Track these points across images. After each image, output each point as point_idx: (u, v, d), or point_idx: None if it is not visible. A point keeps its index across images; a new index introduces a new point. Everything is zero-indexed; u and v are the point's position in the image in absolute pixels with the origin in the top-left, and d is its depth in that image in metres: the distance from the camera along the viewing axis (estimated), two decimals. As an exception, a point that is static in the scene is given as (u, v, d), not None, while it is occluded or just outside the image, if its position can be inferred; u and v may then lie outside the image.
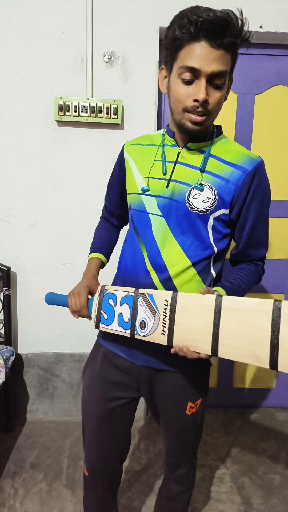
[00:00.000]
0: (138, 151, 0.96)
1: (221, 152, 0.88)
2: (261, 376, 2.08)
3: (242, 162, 0.85)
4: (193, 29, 0.73)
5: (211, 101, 0.79)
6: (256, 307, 0.69)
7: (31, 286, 1.84)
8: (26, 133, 1.72)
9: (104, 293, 0.91)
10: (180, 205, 0.86)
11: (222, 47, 0.75)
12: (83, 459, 1.64)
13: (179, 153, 0.88)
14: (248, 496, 1.49)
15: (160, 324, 0.79)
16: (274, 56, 1.79)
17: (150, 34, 1.66)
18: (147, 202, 0.90)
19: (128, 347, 0.93)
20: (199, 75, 0.76)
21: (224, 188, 0.85)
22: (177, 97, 0.80)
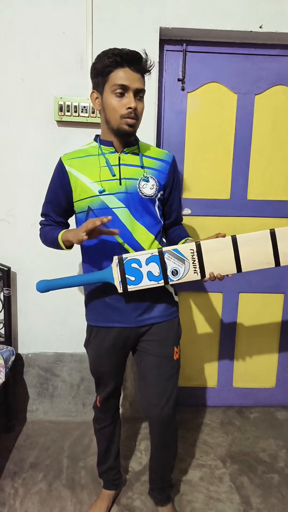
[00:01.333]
0: (78, 163, 1.17)
1: (147, 152, 1.21)
2: (260, 376, 2.09)
3: (164, 157, 1.22)
4: (119, 59, 1.04)
5: (138, 108, 1.09)
6: (259, 237, 1.10)
7: (31, 286, 1.84)
8: (26, 133, 1.71)
9: (124, 261, 1.09)
10: (135, 195, 1.14)
11: (139, 71, 1.08)
12: (83, 460, 1.65)
13: (120, 157, 1.15)
14: (247, 495, 1.50)
15: (191, 267, 1.09)
16: (274, 56, 1.79)
17: (150, 34, 1.66)
18: (108, 200, 1.13)
19: (125, 317, 1.17)
20: (128, 90, 1.06)
21: (159, 176, 1.19)
22: (113, 108, 1.08)
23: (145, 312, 1.18)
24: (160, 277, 1.09)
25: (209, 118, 1.83)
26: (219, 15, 1.65)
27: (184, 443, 1.79)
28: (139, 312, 1.17)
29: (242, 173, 1.88)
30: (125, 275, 1.09)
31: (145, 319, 1.19)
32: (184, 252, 1.09)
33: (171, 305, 1.23)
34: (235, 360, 2.06)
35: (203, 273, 1.09)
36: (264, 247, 1.09)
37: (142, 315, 1.18)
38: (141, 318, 1.18)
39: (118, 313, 1.17)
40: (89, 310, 1.27)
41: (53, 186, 1.23)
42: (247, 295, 1.99)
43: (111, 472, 1.42)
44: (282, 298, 2.01)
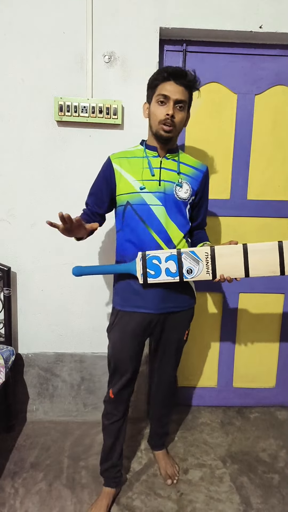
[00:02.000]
0: (126, 162, 1.32)
1: (185, 160, 1.37)
2: (261, 376, 2.09)
3: (199, 166, 1.39)
4: (166, 74, 1.23)
5: (176, 117, 1.25)
6: (268, 247, 1.22)
7: (31, 286, 1.84)
8: (26, 133, 1.71)
9: (147, 257, 1.25)
10: (171, 196, 1.30)
11: (183, 85, 1.24)
12: (83, 460, 1.66)
13: (161, 161, 1.32)
14: (247, 495, 1.50)
15: (204, 268, 1.24)
16: (274, 56, 1.78)
17: (150, 34, 1.66)
18: (147, 197, 1.29)
19: (149, 303, 1.32)
20: (169, 99, 1.23)
21: (192, 183, 1.35)
22: (154, 114, 1.27)
23: (167, 301, 1.32)
24: (176, 274, 1.24)
25: (209, 118, 1.83)
26: (219, 15, 1.65)
27: (184, 443, 1.79)
28: (162, 301, 1.32)
29: (242, 173, 1.88)
30: (147, 269, 1.24)
31: (167, 307, 1.33)
32: (200, 254, 1.24)
33: (191, 296, 1.40)
34: (235, 360, 2.06)
35: (215, 274, 1.23)
36: (272, 256, 1.21)
37: (165, 303, 1.32)
38: (163, 306, 1.33)
39: (143, 300, 1.31)
40: (116, 294, 1.40)
41: (98, 180, 1.38)
42: (247, 295, 1.99)
43: (113, 470, 1.45)
44: (282, 298, 2.01)
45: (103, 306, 1.87)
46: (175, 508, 1.44)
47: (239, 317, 2.02)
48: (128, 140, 1.72)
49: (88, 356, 1.89)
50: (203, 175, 1.37)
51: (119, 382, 1.40)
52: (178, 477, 1.58)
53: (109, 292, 1.86)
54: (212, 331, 2.04)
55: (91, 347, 1.90)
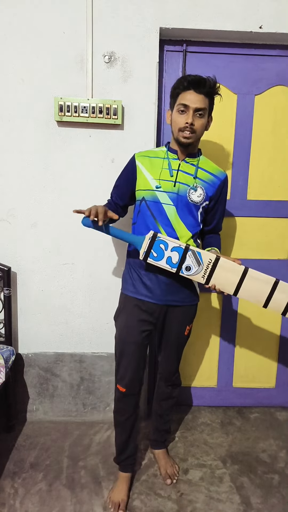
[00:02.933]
0: (147, 161, 1.40)
1: (204, 165, 1.42)
2: (260, 376, 2.09)
3: (217, 173, 1.43)
4: (186, 83, 1.28)
5: (196, 124, 1.31)
6: (265, 280, 1.31)
7: (31, 286, 1.84)
8: (27, 134, 1.72)
9: (156, 239, 1.30)
10: (183, 198, 1.36)
11: (203, 93, 1.29)
12: (82, 460, 1.65)
13: (180, 164, 1.38)
14: (247, 495, 1.50)
15: (202, 271, 1.31)
16: (274, 56, 1.79)
17: (150, 34, 1.66)
18: (160, 196, 1.36)
19: (153, 294, 1.39)
20: (188, 108, 1.29)
21: (208, 189, 1.39)
22: (175, 122, 1.34)
23: (171, 295, 1.40)
24: (176, 266, 1.30)
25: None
26: (219, 15, 1.65)
27: (185, 443, 1.79)
28: (167, 293, 1.39)
29: (242, 173, 1.88)
30: (151, 249, 1.30)
31: (169, 300, 1.40)
32: (204, 258, 1.30)
33: (194, 294, 1.46)
34: (235, 360, 2.06)
35: (208, 281, 1.31)
36: (264, 289, 1.30)
37: (168, 296, 1.39)
38: (166, 298, 1.39)
39: (150, 290, 1.39)
40: (125, 281, 1.47)
41: (122, 174, 1.47)
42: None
43: (130, 458, 1.51)
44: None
45: (103, 306, 1.87)
46: (175, 508, 1.43)
47: (239, 317, 2.02)
48: (128, 140, 1.72)
49: (87, 356, 1.89)
50: (220, 183, 1.41)
51: (127, 373, 1.43)
52: (178, 477, 1.58)
53: (109, 292, 1.86)
54: (212, 331, 2.04)
55: (91, 347, 1.90)
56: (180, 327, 1.48)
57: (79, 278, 1.84)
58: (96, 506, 1.44)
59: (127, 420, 1.46)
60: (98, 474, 1.58)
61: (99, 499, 1.46)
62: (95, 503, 1.45)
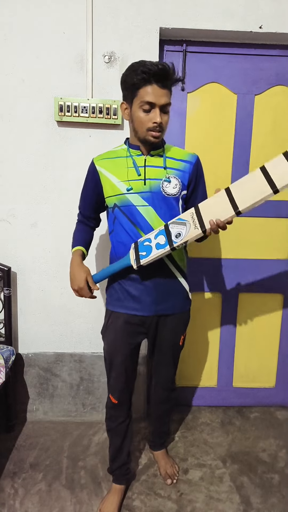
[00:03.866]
0: (110, 164, 1.28)
1: (172, 153, 1.30)
2: (260, 375, 2.09)
3: (187, 158, 1.30)
4: (146, 77, 1.12)
5: (163, 121, 1.19)
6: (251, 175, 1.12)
7: (31, 286, 1.84)
8: (27, 134, 1.71)
9: (139, 243, 1.22)
10: (158, 194, 1.24)
11: (167, 87, 1.15)
12: (82, 460, 1.65)
13: (146, 159, 1.26)
14: (247, 495, 1.50)
15: (192, 225, 1.16)
16: (274, 56, 1.79)
17: (150, 34, 1.66)
18: (133, 199, 1.24)
19: (141, 305, 1.29)
20: (154, 106, 1.15)
21: (182, 176, 1.27)
22: (141, 122, 1.18)
23: (161, 303, 1.30)
24: (166, 243, 1.18)
25: (209, 118, 1.83)
26: (219, 15, 1.65)
27: (185, 442, 1.79)
28: (156, 303, 1.29)
29: (242, 173, 1.88)
30: (139, 253, 1.21)
31: (160, 309, 1.31)
32: (185, 217, 1.19)
33: (185, 299, 1.36)
34: (235, 359, 2.06)
35: (203, 225, 1.14)
36: (257, 180, 1.10)
37: (158, 305, 1.30)
38: (157, 308, 1.30)
39: (136, 302, 1.29)
40: (109, 295, 1.37)
41: (86, 185, 1.36)
42: (247, 295, 1.99)
43: (123, 468, 1.46)
44: (281, 298, 2.01)
45: (103, 306, 1.87)
46: (175, 508, 1.44)
47: (239, 317, 2.02)
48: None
49: (87, 356, 1.89)
50: (193, 166, 1.29)
51: (118, 385, 1.38)
52: (178, 477, 1.58)
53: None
54: (212, 331, 2.04)
55: (91, 347, 1.90)
56: (174, 336, 1.39)
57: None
58: (96, 506, 1.43)
59: (119, 425, 1.42)
60: (98, 475, 1.58)
61: (99, 500, 1.46)
62: (95, 503, 1.45)
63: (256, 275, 1.96)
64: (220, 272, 1.96)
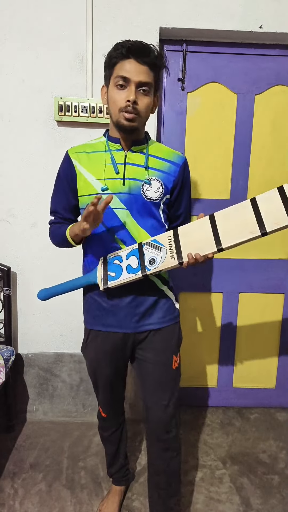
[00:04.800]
0: (85, 158, 1.12)
1: (156, 152, 1.14)
2: (261, 376, 2.09)
3: (174, 159, 1.14)
4: (124, 51, 1.00)
5: (139, 103, 1.02)
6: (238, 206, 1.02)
7: (31, 286, 1.84)
8: (26, 133, 1.71)
9: (108, 259, 1.09)
10: (138, 197, 1.08)
11: (146, 64, 1.01)
12: (82, 460, 1.65)
13: (126, 156, 1.10)
14: (247, 496, 1.49)
15: (168, 253, 1.02)
16: (274, 56, 1.78)
17: (150, 34, 1.66)
18: None
19: (118, 323, 1.13)
20: (129, 82, 1.01)
21: (166, 179, 1.11)
22: (113, 101, 1.04)
23: (143, 318, 1.13)
24: (138, 268, 1.04)
25: (209, 118, 1.83)
26: (219, 15, 1.65)
27: (185, 443, 1.79)
28: (137, 318, 1.13)
29: (242, 173, 1.88)
30: (107, 272, 1.07)
31: (142, 325, 1.14)
32: (162, 240, 1.05)
33: (171, 311, 1.18)
34: (235, 360, 2.06)
35: (180, 257, 1.01)
36: (246, 215, 0.99)
37: (140, 321, 1.13)
38: (138, 324, 1.13)
39: (115, 318, 1.13)
40: (86, 312, 1.22)
41: (60, 181, 1.18)
42: (247, 295, 1.99)
43: (121, 470, 1.44)
44: (282, 298, 2.01)
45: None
46: (175, 509, 1.43)
47: (239, 317, 2.02)
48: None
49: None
50: (179, 169, 1.13)
51: (105, 399, 1.29)
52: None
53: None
54: (212, 331, 2.03)
55: (91, 347, 1.90)
56: (163, 357, 1.16)
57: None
58: (96, 506, 1.43)
59: (112, 434, 1.36)
60: (98, 475, 1.58)
61: (99, 500, 1.46)
62: (95, 503, 1.44)
63: (256, 275, 1.95)
64: (220, 272, 1.96)
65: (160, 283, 1.15)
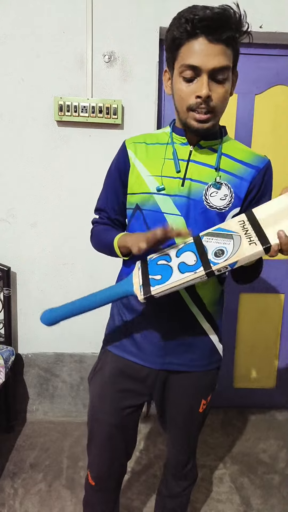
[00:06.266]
0: (143, 150, 0.92)
1: (232, 150, 0.90)
2: (261, 376, 2.08)
3: (253, 161, 0.89)
4: (189, 27, 0.74)
5: (214, 97, 0.79)
6: None
7: (31, 286, 1.84)
8: (26, 133, 1.71)
9: (149, 261, 0.82)
10: (198, 204, 0.85)
11: (221, 41, 0.75)
12: (82, 460, 1.65)
13: (191, 152, 0.88)
14: (247, 496, 1.49)
15: (244, 239, 0.75)
16: (274, 56, 1.79)
17: (150, 34, 1.66)
18: (162, 202, 0.87)
19: (144, 352, 0.91)
20: (200, 72, 0.76)
21: (238, 186, 0.87)
22: (180, 96, 0.81)
23: (170, 354, 0.90)
24: (198, 264, 0.75)
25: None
26: (219, 15, 1.65)
27: (184, 443, 1.79)
28: (163, 352, 0.90)
29: (242, 173, 1.88)
30: (149, 276, 0.79)
31: (170, 363, 0.91)
32: (231, 226, 0.78)
33: (210, 354, 0.93)
34: (235, 360, 2.06)
35: (265, 240, 0.74)
36: None
37: (167, 356, 0.90)
38: (164, 361, 0.91)
39: (138, 348, 0.92)
40: (107, 327, 1.03)
41: (111, 175, 0.98)
42: (248, 295, 1.99)
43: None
44: (282, 299, 2.01)
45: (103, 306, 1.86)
46: (175, 509, 1.43)
47: (239, 317, 2.02)
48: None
49: (87, 356, 1.89)
50: (257, 174, 0.89)
51: (98, 462, 0.99)
52: None
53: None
54: (212, 331, 2.03)
55: (91, 347, 1.90)
56: (191, 402, 0.96)
57: (79, 278, 1.84)
58: (96, 506, 1.43)
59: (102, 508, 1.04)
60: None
61: (99, 500, 1.46)
62: (95, 503, 1.44)
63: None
64: (220, 272, 1.95)
65: (203, 320, 0.92)
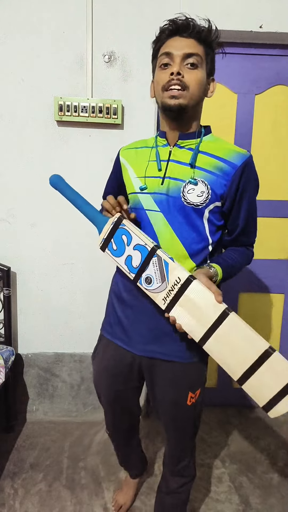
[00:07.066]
0: (133, 154, 1.02)
1: (210, 148, 0.94)
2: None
3: (232, 158, 0.91)
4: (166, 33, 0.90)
5: (186, 77, 0.87)
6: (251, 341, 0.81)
7: (31, 286, 1.84)
8: (26, 133, 1.71)
9: (120, 225, 0.92)
10: (176, 200, 0.91)
11: (192, 37, 0.88)
12: (82, 460, 1.65)
13: (171, 152, 0.94)
14: (246, 495, 1.50)
15: (165, 292, 0.86)
16: (274, 56, 1.78)
17: (150, 34, 1.64)
18: (144, 200, 0.96)
19: (128, 336, 0.99)
20: (173, 57, 0.88)
21: (215, 183, 0.90)
22: (157, 81, 0.91)
23: (153, 342, 0.96)
24: (135, 271, 0.91)
25: (209, 117, 1.82)
26: (219, 15, 1.65)
27: (184, 443, 1.79)
28: (146, 340, 0.96)
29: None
30: (112, 237, 0.94)
31: (151, 351, 0.97)
32: (171, 273, 0.85)
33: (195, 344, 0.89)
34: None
35: (169, 308, 0.86)
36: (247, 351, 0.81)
37: (149, 344, 0.96)
38: (146, 348, 0.97)
39: (122, 330, 1.00)
40: (105, 314, 1.13)
41: (110, 180, 1.13)
42: (247, 295, 1.99)
43: (135, 465, 1.40)
44: (282, 298, 2.01)
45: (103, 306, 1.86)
46: (175, 508, 1.44)
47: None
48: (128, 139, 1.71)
49: (88, 356, 1.89)
50: (236, 171, 0.90)
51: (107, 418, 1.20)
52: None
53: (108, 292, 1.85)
54: (212, 331, 2.04)
55: (91, 347, 1.88)
56: (176, 392, 0.99)
57: (79, 278, 1.84)
58: (96, 506, 1.44)
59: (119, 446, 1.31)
60: (99, 475, 1.58)
61: (99, 500, 1.46)
62: (95, 503, 1.45)
63: (256, 275, 1.96)
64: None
65: None
